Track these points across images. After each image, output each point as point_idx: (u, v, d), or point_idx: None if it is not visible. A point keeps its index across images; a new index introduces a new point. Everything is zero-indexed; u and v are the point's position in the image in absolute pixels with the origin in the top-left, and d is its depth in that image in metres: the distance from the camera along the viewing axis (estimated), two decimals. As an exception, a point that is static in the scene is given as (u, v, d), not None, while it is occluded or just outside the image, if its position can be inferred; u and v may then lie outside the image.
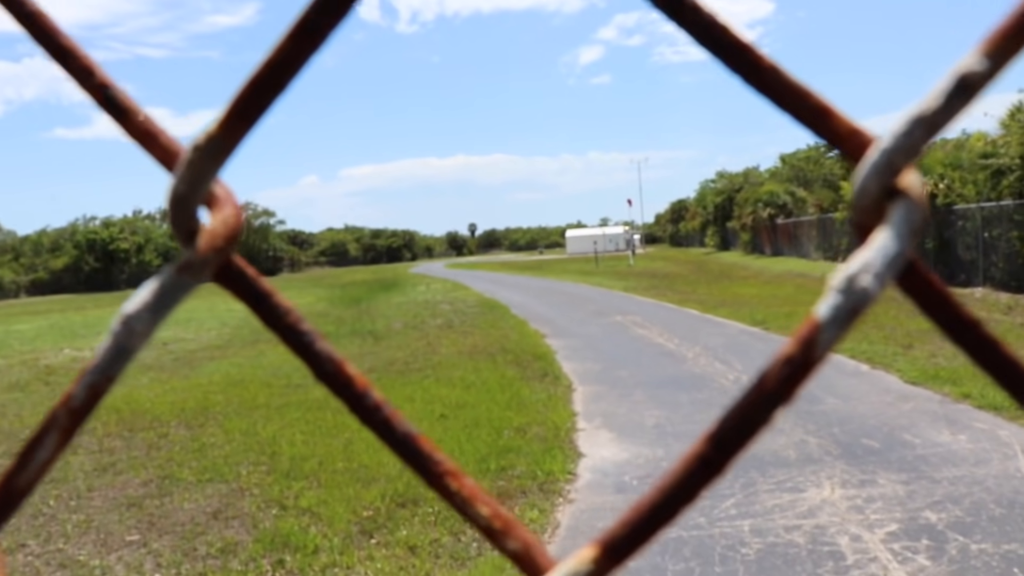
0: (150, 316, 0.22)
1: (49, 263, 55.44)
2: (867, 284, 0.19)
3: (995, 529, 3.58)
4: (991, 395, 5.95)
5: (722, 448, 0.19)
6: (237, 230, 0.23)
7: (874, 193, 0.20)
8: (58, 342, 15.53)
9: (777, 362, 0.19)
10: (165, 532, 4.41)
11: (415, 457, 0.22)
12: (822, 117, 0.22)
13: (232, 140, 0.21)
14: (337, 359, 0.23)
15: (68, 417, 0.22)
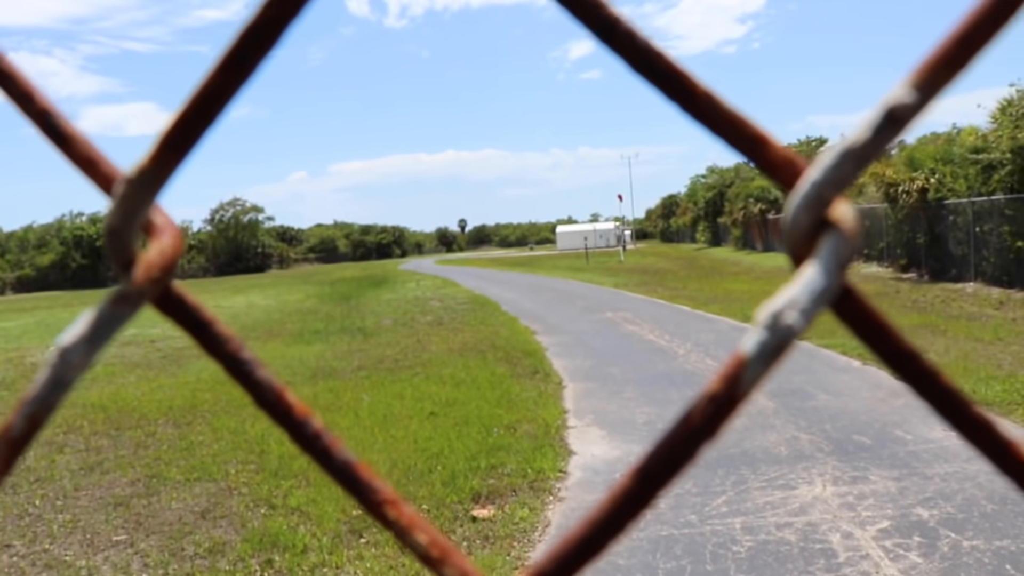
0: (86, 347, 0.22)
1: (35, 260, 54.80)
2: (792, 321, 0.19)
3: (987, 525, 3.61)
4: (982, 391, 6.01)
5: (648, 483, 0.19)
6: (174, 259, 0.23)
7: (805, 225, 0.20)
8: (44, 340, 15.37)
9: (702, 399, 0.19)
10: (152, 532, 4.38)
11: (354, 485, 0.22)
12: (757, 145, 0.22)
13: (164, 172, 0.21)
14: (277, 387, 0.23)
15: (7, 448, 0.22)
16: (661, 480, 0.19)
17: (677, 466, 0.19)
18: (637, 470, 0.19)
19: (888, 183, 16.87)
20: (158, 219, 0.23)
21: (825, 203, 0.20)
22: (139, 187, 0.21)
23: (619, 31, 0.22)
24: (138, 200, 0.21)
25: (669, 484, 0.20)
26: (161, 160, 0.21)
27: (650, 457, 0.19)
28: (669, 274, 22.98)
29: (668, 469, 0.19)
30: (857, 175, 0.20)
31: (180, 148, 0.21)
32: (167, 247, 0.22)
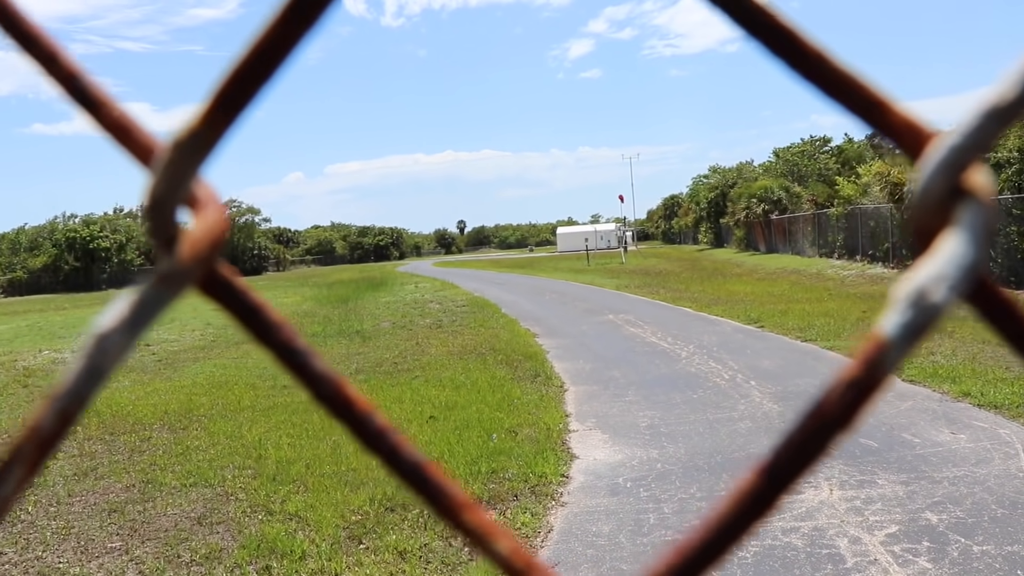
0: (126, 333, 0.19)
1: (27, 262, 54.47)
2: (940, 298, 0.17)
3: (997, 530, 3.57)
4: (991, 393, 5.98)
5: (776, 481, 0.17)
6: (222, 235, 0.20)
7: (939, 193, 0.18)
8: (37, 343, 15.25)
9: (839, 385, 0.17)
10: (148, 538, 4.33)
11: (425, 488, 0.20)
12: (877, 110, 0.20)
13: (215, 135, 0.19)
14: (336, 379, 0.21)
15: (36, 449, 0.19)
16: (790, 477, 0.17)
17: (808, 461, 0.17)
18: (764, 467, 0.17)
19: (893, 183, 16.89)
20: (200, 192, 0.20)
21: (963, 169, 0.18)
22: (187, 152, 0.19)
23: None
24: (185, 167, 0.19)
25: (798, 481, 0.17)
26: (212, 121, 0.19)
27: (778, 452, 0.17)
28: (671, 276, 22.98)
29: (798, 465, 0.17)
30: (999, 137, 0.18)
31: (234, 109, 0.19)
32: (213, 222, 0.20)
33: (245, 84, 0.18)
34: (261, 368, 9.98)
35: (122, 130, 0.22)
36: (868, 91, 0.20)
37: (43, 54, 0.23)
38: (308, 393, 0.21)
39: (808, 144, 44.50)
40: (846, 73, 0.20)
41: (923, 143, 0.19)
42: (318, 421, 6.71)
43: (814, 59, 0.20)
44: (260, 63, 0.18)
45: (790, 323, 10.65)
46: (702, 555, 0.17)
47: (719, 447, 5.25)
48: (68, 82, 0.23)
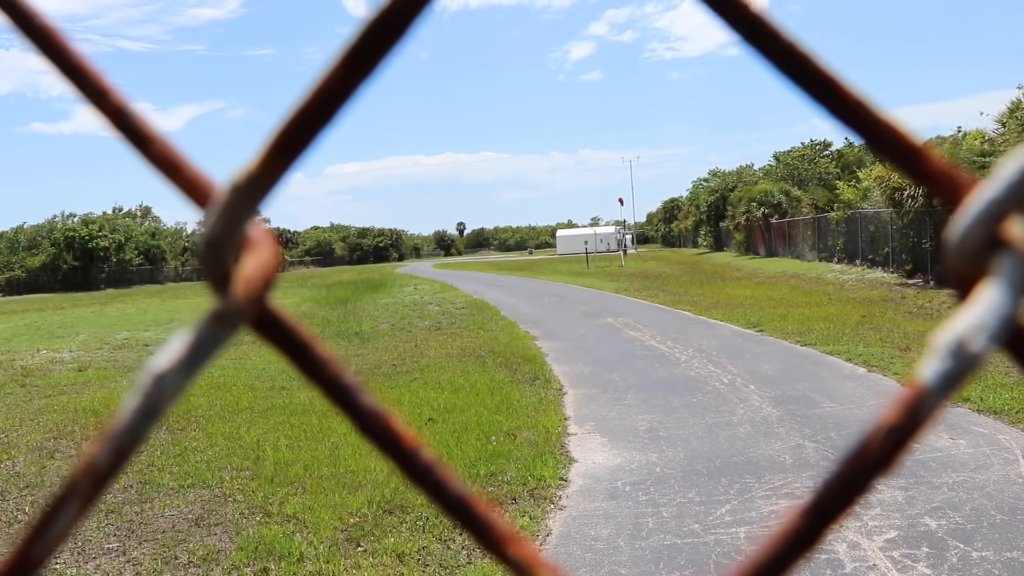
0: (183, 372, 0.20)
1: (26, 261, 54.36)
2: (979, 347, 0.17)
3: (996, 536, 3.57)
4: (990, 399, 5.99)
5: (820, 520, 0.17)
6: (273, 275, 0.21)
7: (978, 243, 0.19)
8: (35, 343, 15.22)
9: (879, 430, 0.18)
10: (145, 540, 4.32)
11: (471, 522, 0.21)
12: (914, 157, 0.20)
13: (273, 177, 0.19)
14: (383, 414, 0.21)
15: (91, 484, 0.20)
16: (832, 517, 0.17)
17: (850, 502, 0.18)
18: (809, 507, 0.18)
19: (893, 187, 16.90)
20: (252, 231, 0.21)
21: (1000, 220, 0.19)
22: (245, 195, 0.19)
23: (763, 30, 0.20)
24: (242, 209, 0.19)
25: (840, 521, 0.18)
26: (271, 164, 0.19)
27: (822, 493, 0.18)
28: (671, 279, 23.00)
29: (840, 505, 0.17)
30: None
31: (292, 151, 0.19)
32: (265, 261, 0.20)
33: (304, 128, 0.19)
34: (259, 369, 9.97)
35: (170, 166, 0.22)
36: (906, 139, 0.20)
37: (93, 90, 0.23)
38: (356, 427, 0.21)
39: (808, 148, 44.60)
40: (885, 121, 0.20)
41: (961, 192, 0.20)
42: (316, 423, 6.71)
43: (853, 107, 0.20)
44: (320, 107, 0.19)
45: (790, 327, 10.67)
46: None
47: (718, 451, 5.25)
48: (116, 116, 0.23)
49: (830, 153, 43.95)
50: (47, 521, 0.20)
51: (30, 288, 51.72)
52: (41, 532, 0.20)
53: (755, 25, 0.20)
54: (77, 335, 16.52)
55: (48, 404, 8.43)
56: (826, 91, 0.20)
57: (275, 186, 0.20)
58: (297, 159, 0.19)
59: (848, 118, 0.21)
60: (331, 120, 0.19)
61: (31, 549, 0.20)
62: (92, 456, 0.20)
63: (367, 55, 0.18)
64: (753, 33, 0.20)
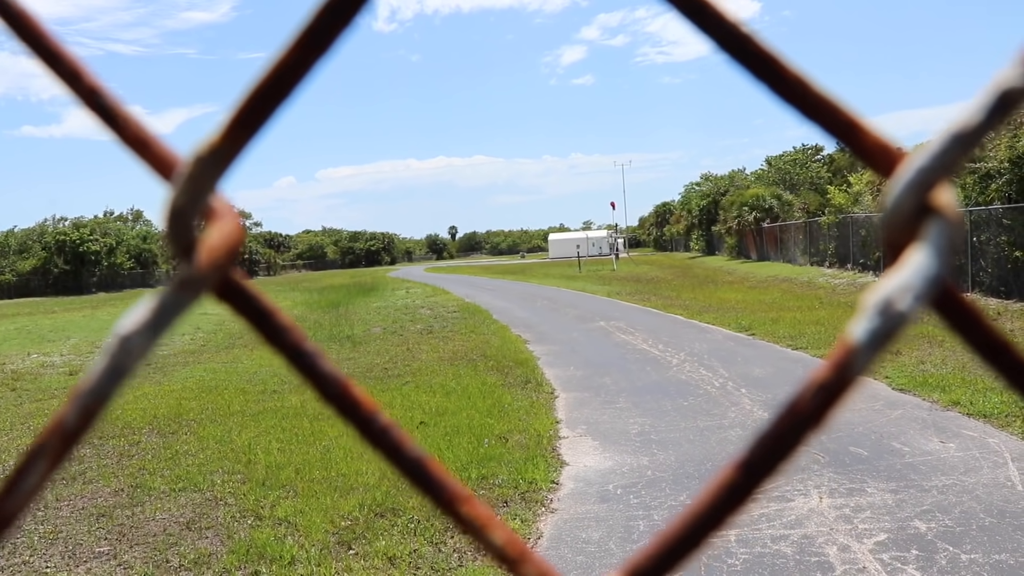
0: (148, 335, 0.20)
1: (16, 265, 53.93)
2: (905, 306, 0.18)
3: (985, 539, 3.60)
4: (980, 402, 6.03)
5: (752, 475, 0.18)
6: (237, 244, 0.21)
7: (908, 210, 0.20)
8: (26, 347, 15.09)
9: (809, 387, 0.19)
10: (136, 543, 4.29)
11: (426, 482, 0.21)
12: (851, 131, 0.21)
13: (234, 149, 0.20)
14: (342, 380, 0.22)
15: (60, 442, 0.20)
16: (765, 471, 0.18)
17: (782, 456, 0.18)
18: (741, 461, 0.18)
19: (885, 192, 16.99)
20: (216, 203, 0.22)
21: (929, 188, 0.20)
22: (207, 166, 0.20)
23: (707, 12, 0.21)
24: (205, 180, 0.20)
25: (773, 475, 0.19)
26: (232, 137, 0.20)
27: (754, 447, 0.18)
28: (663, 283, 23.08)
29: (772, 459, 0.18)
30: (964, 160, 0.20)
31: (252, 125, 0.20)
32: (229, 231, 0.21)
33: (263, 103, 0.20)
34: (251, 373, 9.92)
35: (141, 144, 0.23)
36: (844, 113, 0.21)
37: (67, 71, 0.24)
38: (316, 393, 0.22)
39: (800, 153, 44.96)
40: (823, 96, 0.21)
41: (894, 163, 0.21)
42: (308, 426, 6.68)
43: (794, 83, 0.21)
44: (278, 84, 0.20)
45: (781, 331, 10.72)
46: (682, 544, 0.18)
47: (709, 454, 5.27)
48: (90, 97, 0.24)
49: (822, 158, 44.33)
50: (17, 479, 0.20)
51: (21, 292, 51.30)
52: (11, 489, 0.21)
53: (701, 7, 0.21)
54: (68, 339, 16.39)
55: (39, 408, 8.36)
56: (766, 69, 0.21)
57: (236, 158, 0.20)
58: (256, 133, 0.20)
59: (789, 95, 0.22)
60: (287, 97, 0.20)
61: (2, 506, 0.20)
62: (61, 416, 0.21)
63: (321, 35, 0.19)
64: (698, 15, 0.21)
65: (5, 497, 0.21)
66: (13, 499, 0.21)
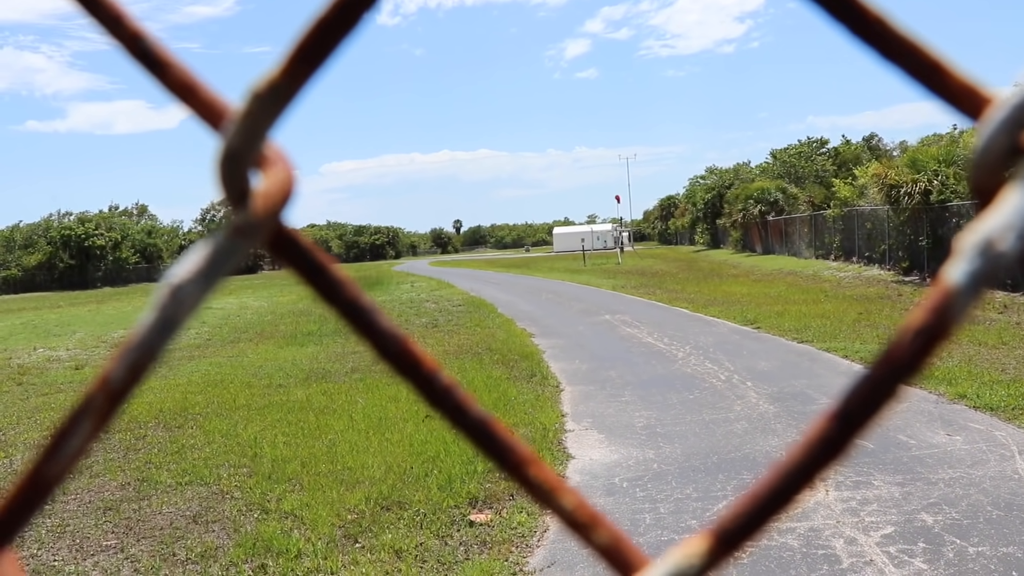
0: (201, 283, 0.19)
1: (22, 260, 54.14)
2: (1006, 246, 0.17)
3: (992, 532, 3.59)
4: (987, 395, 6.01)
5: (848, 425, 0.17)
6: (291, 192, 0.20)
7: (1000, 151, 0.19)
8: (32, 341, 15.16)
9: (907, 333, 0.18)
10: (143, 537, 4.30)
11: (491, 445, 0.20)
12: (935, 73, 0.20)
13: (294, 87, 0.19)
14: (401, 336, 0.21)
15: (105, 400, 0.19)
16: (861, 421, 0.17)
17: (878, 406, 0.17)
18: (836, 412, 0.17)
19: (890, 185, 16.92)
20: (268, 150, 0.21)
21: (1022, 128, 0.18)
22: (266, 104, 0.19)
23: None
24: (262, 120, 0.19)
25: (869, 426, 0.18)
26: (293, 72, 0.19)
27: (850, 397, 0.17)
28: (667, 276, 23.02)
29: (869, 409, 0.17)
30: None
31: (314, 60, 0.19)
32: (283, 178, 0.20)
33: (327, 35, 0.19)
34: (256, 367, 9.95)
35: (187, 89, 0.22)
36: (928, 55, 0.20)
37: (108, 16, 0.23)
38: (374, 351, 0.21)
39: (805, 146, 44.73)
40: (906, 37, 0.20)
41: (983, 105, 0.20)
42: (314, 420, 6.69)
43: (875, 23, 0.20)
44: (341, 16, 0.19)
45: (786, 324, 10.69)
46: (773, 500, 0.17)
47: (715, 447, 5.26)
48: (132, 43, 0.23)
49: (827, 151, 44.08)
50: (61, 439, 0.20)
51: (26, 287, 51.52)
52: (55, 451, 0.20)
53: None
54: (74, 333, 16.46)
55: (45, 402, 8.40)
56: (846, 8, 0.20)
57: (296, 96, 0.19)
58: (319, 68, 0.19)
59: (870, 37, 0.20)
60: (352, 28, 0.19)
61: (45, 468, 0.20)
62: (107, 372, 0.20)
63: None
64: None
65: (48, 460, 0.20)
66: (57, 461, 0.20)
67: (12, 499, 0.20)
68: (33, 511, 0.20)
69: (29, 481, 0.20)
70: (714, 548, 0.18)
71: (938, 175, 16.01)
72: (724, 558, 0.18)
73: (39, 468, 0.20)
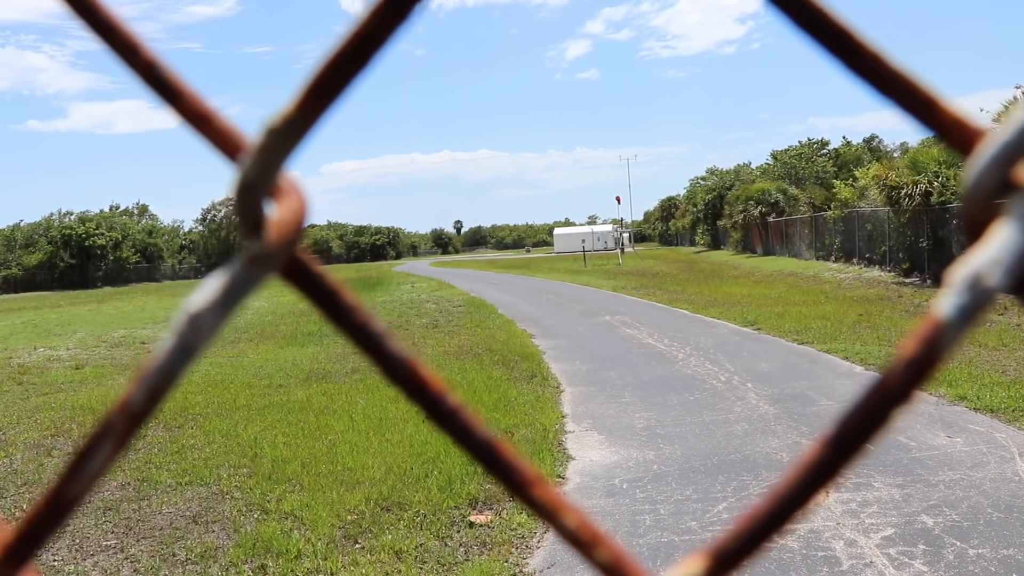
0: (218, 312, 0.20)
1: (23, 259, 54.18)
2: (994, 282, 0.18)
3: (993, 534, 3.59)
4: (987, 397, 6.01)
5: (841, 451, 0.18)
6: (303, 221, 0.21)
7: (991, 186, 0.19)
8: (32, 341, 15.18)
9: (898, 364, 0.18)
10: (143, 537, 4.31)
11: (496, 465, 0.21)
12: (928, 108, 0.21)
13: (308, 121, 0.20)
14: (410, 360, 0.22)
15: (125, 423, 0.20)
16: (854, 447, 0.18)
17: (871, 432, 0.18)
18: (830, 438, 0.18)
19: (891, 186, 16.92)
20: (282, 180, 0.21)
21: (1012, 163, 0.19)
22: (280, 139, 0.20)
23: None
24: (277, 153, 0.20)
25: (861, 452, 0.18)
26: (307, 108, 0.20)
27: (843, 423, 0.18)
28: (668, 277, 23.03)
29: (862, 435, 0.18)
30: (1048, 134, 0.19)
31: (328, 95, 0.20)
32: (296, 208, 0.21)
33: (340, 72, 0.19)
34: (257, 367, 9.96)
35: (202, 119, 0.23)
36: (920, 90, 0.21)
37: (123, 45, 0.24)
38: (383, 374, 0.22)
39: (806, 147, 44.78)
40: (900, 72, 0.21)
41: (974, 140, 0.20)
42: (314, 420, 6.70)
43: (870, 59, 0.21)
44: (356, 52, 0.19)
45: (787, 326, 10.69)
46: (769, 523, 0.18)
47: (715, 449, 5.27)
48: (147, 72, 0.24)
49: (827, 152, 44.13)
50: (82, 460, 0.20)
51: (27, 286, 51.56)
52: (76, 472, 0.20)
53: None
54: (74, 333, 16.47)
55: (45, 402, 8.41)
56: (843, 44, 0.21)
57: (310, 131, 0.20)
58: (332, 104, 0.20)
59: (865, 72, 0.21)
60: (367, 65, 0.19)
61: (66, 488, 0.20)
62: (127, 395, 0.20)
63: (399, 4, 0.19)
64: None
65: (69, 480, 0.21)
66: (77, 482, 0.21)
67: (34, 517, 0.20)
68: (54, 529, 0.21)
69: (51, 500, 0.20)
70: (711, 568, 0.18)
71: (939, 176, 16.01)
72: (722, 579, 0.18)
73: (60, 488, 0.20)
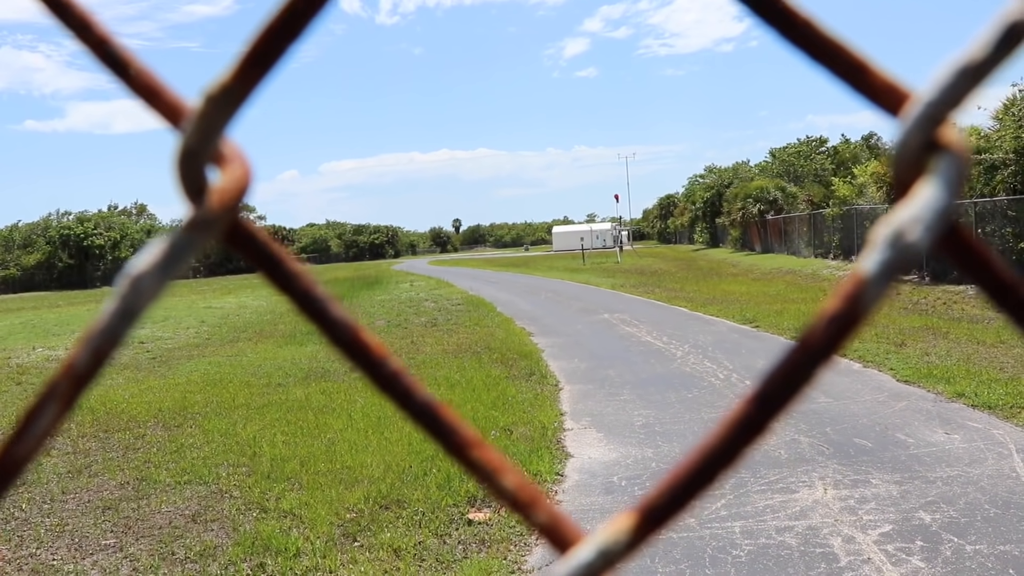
0: (158, 275, 0.20)
1: (21, 259, 54.18)
2: (915, 238, 0.18)
3: (990, 530, 3.60)
4: (985, 394, 6.02)
5: (765, 407, 0.18)
6: (246, 188, 0.21)
7: (916, 146, 0.20)
8: (30, 341, 15.18)
9: (821, 319, 0.19)
10: (142, 536, 4.32)
11: (436, 427, 0.21)
12: (858, 72, 0.21)
13: (246, 89, 0.20)
14: (352, 325, 0.22)
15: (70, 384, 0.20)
16: (779, 404, 0.18)
17: (795, 389, 0.19)
18: (754, 395, 0.19)
19: (889, 183, 16.90)
20: (226, 148, 0.22)
21: (937, 123, 0.20)
22: (219, 106, 0.20)
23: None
24: (216, 120, 0.20)
25: (787, 409, 0.19)
26: (244, 76, 0.20)
27: (768, 381, 0.19)
28: (667, 275, 23.04)
29: (786, 392, 0.18)
30: (971, 95, 0.19)
31: (264, 63, 0.20)
32: (239, 175, 0.21)
33: (275, 41, 0.20)
34: (255, 366, 9.96)
35: (151, 92, 0.23)
36: (852, 55, 0.21)
37: (76, 22, 0.24)
38: (326, 338, 0.22)
39: (804, 145, 44.81)
40: (831, 39, 0.21)
41: (902, 102, 0.21)
42: (312, 419, 6.71)
43: (802, 26, 0.21)
44: (289, 21, 0.20)
45: (785, 323, 10.70)
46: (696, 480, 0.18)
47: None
48: (99, 47, 0.24)
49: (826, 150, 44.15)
50: (29, 421, 0.21)
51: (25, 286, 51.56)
52: (23, 432, 0.21)
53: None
54: (73, 333, 16.48)
55: (43, 402, 8.42)
56: (776, 13, 0.21)
57: (247, 98, 0.20)
58: (268, 71, 0.20)
59: (797, 38, 0.21)
60: (300, 34, 0.20)
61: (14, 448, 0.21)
62: (71, 358, 0.21)
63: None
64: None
65: (16, 440, 0.21)
66: (24, 442, 0.21)
67: (-18, 480, 0.21)
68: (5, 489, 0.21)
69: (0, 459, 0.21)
70: (640, 525, 0.19)
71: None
72: (650, 535, 0.19)
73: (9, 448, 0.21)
